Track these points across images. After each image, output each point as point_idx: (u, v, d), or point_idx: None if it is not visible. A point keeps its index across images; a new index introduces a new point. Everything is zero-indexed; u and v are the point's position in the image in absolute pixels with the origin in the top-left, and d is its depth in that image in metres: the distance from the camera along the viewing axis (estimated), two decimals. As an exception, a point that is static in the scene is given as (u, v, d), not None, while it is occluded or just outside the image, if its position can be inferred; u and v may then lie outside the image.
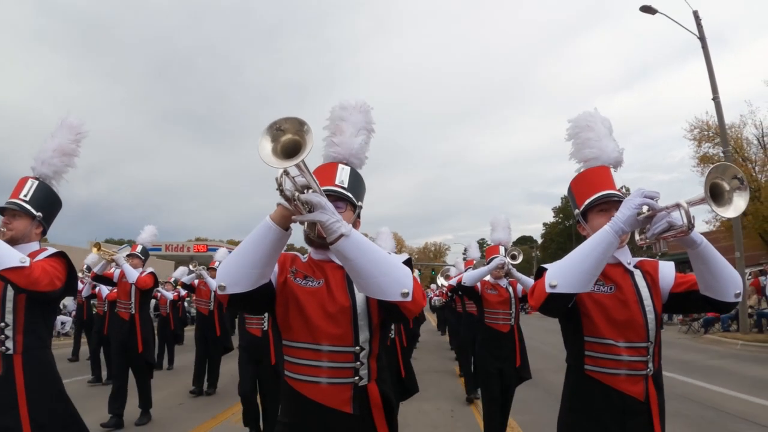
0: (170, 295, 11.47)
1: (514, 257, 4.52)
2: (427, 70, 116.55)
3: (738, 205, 1.57)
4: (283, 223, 1.46)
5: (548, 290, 1.63)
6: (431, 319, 22.55)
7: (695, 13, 14.96)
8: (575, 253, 1.66)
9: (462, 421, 5.63)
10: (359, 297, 1.64)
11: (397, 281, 1.44)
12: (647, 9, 14.82)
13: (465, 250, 9.53)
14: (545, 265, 1.76)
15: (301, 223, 1.47)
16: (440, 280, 10.23)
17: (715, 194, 1.55)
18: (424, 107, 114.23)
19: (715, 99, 15.11)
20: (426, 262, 64.17)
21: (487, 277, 4.45)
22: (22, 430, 2.28)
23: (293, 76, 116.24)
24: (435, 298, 14.18)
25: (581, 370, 1.84)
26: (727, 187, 1.58)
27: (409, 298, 1.45)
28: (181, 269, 9.46)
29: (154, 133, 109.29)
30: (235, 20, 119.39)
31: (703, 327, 14.82)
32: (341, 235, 1.40)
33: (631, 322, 1.79)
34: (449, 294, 8.95)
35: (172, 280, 12.25)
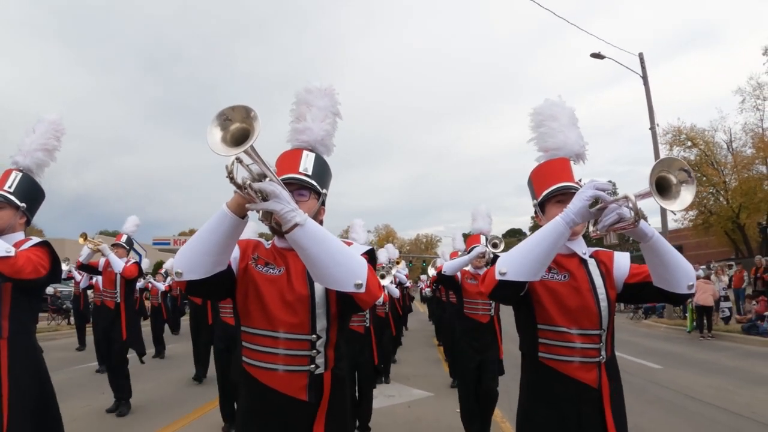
0: (162, 286, 11.50)
1: (495, 245, 4.41)
2: (418, 63, 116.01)
3: (684, 198, 1.57)
4: (239, 211, 1.44)
5: (498, 277, 1.64)
6: (421, 309, 22.70)
7: (640, 56, 16.41)
8: (526, 242, 1.67)
9: (447, 407, 5.67)
10: (318, 286, 1.62)
11: (351, 272, 1.44)
12: (597, 55, 16.18)
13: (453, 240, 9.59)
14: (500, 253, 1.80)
15: (257, 211, 1.46)
16: (431, 271, 10.30)
17: (663, 187, 1.55)
18: (416, 100, 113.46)
19: (652, 129, 16.49)
20: (417, 253, 64.33)
21: (468, 267, 4.36)
22: (2, 412, 2.34)
23: (284, 68, 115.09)
24: (425, 289, 14.28)
25: (535, 358, 1.85)
26: (674, 180, 1.57)
27: (363, 290, 1.45)
28: (173, 260, 9.46)
29: (145, 125, 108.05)
30: (225, 11, 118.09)
31: (644, 314, 17.21)
32: (296, 225, 1.39)
33: (584, 309, 1.79)
34: (434, 285, 8.97)
35: (163, 271, 12.31)
